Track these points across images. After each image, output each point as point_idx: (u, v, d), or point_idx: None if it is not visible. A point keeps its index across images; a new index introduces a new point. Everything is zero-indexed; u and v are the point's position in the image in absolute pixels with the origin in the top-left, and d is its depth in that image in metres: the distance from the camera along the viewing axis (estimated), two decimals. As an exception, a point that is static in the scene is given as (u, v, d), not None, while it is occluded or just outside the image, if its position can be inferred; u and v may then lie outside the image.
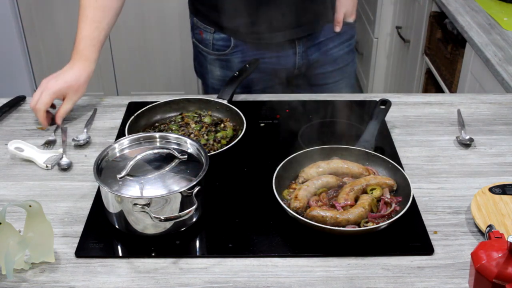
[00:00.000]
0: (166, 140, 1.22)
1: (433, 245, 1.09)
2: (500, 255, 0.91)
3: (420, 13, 2.82)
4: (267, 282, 1.02)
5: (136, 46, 3.45)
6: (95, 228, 1.14)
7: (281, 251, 1.08)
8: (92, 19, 1.50)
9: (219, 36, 1.67)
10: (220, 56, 1.70)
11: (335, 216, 1.10)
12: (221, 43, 1.68)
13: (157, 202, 1.05)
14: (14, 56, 3.41)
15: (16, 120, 1.52)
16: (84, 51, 1.50)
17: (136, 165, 1.11)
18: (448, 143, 1.41)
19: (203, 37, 1.70)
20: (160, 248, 1.09)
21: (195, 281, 1.02)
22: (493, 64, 1.89)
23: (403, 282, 1.02)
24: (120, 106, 1.57)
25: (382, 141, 1.38)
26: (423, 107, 1.57)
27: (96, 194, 1.22)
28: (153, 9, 3.32)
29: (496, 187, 1.21)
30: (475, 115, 1.53)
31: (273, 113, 1.52)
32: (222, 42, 1.67)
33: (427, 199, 1.22)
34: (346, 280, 1.03)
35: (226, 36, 1.66)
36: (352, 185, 1.19)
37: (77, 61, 1.50)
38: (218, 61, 1.71)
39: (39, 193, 1.24)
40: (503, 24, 2.18)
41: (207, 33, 1.68)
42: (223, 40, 1.67)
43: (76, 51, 1.51)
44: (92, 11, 1.50)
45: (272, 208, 1.17)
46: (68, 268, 1.05)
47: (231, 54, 1.69)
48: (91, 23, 1.50)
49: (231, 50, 1.68)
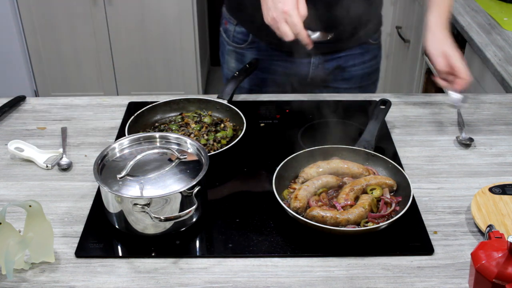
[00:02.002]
0: (166, 140, 1.22)
1: (433, 245, 1.09)
2: (500, 255, 0.91)
3: (420, 13, 2.81)
4: (267, 282, 1.02)
5: (136, 46, 3.45)
6: (95, 228, 1.14)
7: (281, 251, 1.08)
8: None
9: (240, 29, 1.69)
10: (237, 49, 1.72)
11: (335, 216, 1.10)
12: (240, 36, 1.70)
13: (157, 202, 1.05)
14: (14, 56, 3.41)
15: (16, 120, 1.52)
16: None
17: (136, 165, 1.11)
18: (448, 143, 1.41)
19: (227, 27, 1.72)
20: (160, 248, 1.09)
21: (195, 281, 1.02)
22: (493, 64, 1.89)
23: (403, 282, 1.02)
24: (120, 106, 1.57)
25: (382, 141, 1.38)
26: (423, 107, 1.57)
27: (96, 194, 1.22)
28: (153, 9, 3.33)
29: (496, 187, 1.21)
30: (475, 115, 1.53)
31: (273, 113, 1.52)
32: (241, 36, 1.69)
33: (427, 199, 1.22)
34: (346, 280, 1.02)
35: (245, 31, 1.68)
36: (352, 185, 1.19)
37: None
38: (235, 53, 1.73)
39: (39, 193, 1.24)
40: (503, 24, 2.18)
41: (230, 24, 1.71)
42: (242, 34, 1.69)
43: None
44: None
45: (272, 208, 1.17)
46: (68, 268, 1.05)
47: (246, 49, 1.70)
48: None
49: (247, 45, 1.69)
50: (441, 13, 1.54)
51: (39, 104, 1.58)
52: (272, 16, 1.31)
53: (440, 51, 1.48)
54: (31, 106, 1.58)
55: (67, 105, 1.58)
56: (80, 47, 3.45)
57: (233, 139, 1.36)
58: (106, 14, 3.33)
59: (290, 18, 1.30)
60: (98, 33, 3.40)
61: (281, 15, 1.30)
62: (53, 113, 1.54)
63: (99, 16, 3.34)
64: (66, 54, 3.48)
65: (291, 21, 1.30)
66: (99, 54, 3.48)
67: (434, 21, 1.52)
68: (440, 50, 1.49)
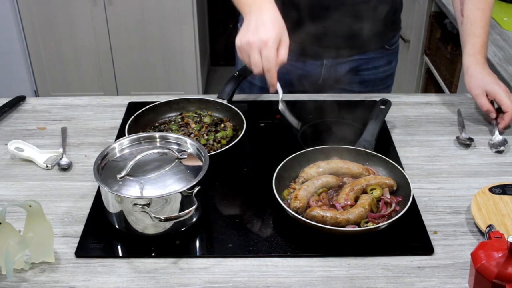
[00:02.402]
0: (166, 140, 1.22)
1: (433, 245, 1.09)
2: (500, 255, 0.91)
3: (420, 13, 2.82)
4: (267, 282, 1.02)
5: (136, 46, 3.45)
6: (95, 228, 1.14)
7: (281, 251, 1.08)
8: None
9: None
10: None
11: (335, 216, 1.10)
12: None
13: (157, 202, 1.05)
14: (14, 56, 3.41)
15: (16, 120, 1.52)
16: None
17: (136, 165, 1.11)
18: (448, 143, 1.41)
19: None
20: (160, 248, 1.09)
21: (195, 281, 1.02)
22: (493, 64, 1.89)
23: (403, 282, 1.02)
24: (120, 106, 1.57)
25: (382, 141, 1.38)
26: (423, 107, 1.57)
27: (96, 194, 1.22)
28: (153, 9, 3.33)
29: (496, 187, 1.21)
30: (475, 115, 1.53)
31: (273, 113, 1.52)
32: None
33: (427, 199, 1.22)
34: (346, 280, 1.02)
35: None
36: (352, 185, 1.19)
37: (262, 4, 1.28)
38: None
39: (39, 193, 1.24)
40: (503, 24, 2.18)
41: None
42: None
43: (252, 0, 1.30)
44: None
45: (272, 208, 1.17)
46: (68, 268, 1.05)
47: None
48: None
49: None
50: (476, 49, 1.48)
51: (39, 104, 1.58)
52: (248, 40, 1.23)
53: (480, 90, 1.45)
54: (31, 106, 1.58)
55: (67, 105, 1.58)
56: (80, 47, 3.45)
57: (233, 139, 1.36)
58: (106, 14, 3.33)
59: (267, 51, 1.22)
60: (98, 33, 3.40)
61: (259, 43, 1.22)
62: (53, 113, 1.54)
63: (99, 16, 3.34)
64: (66, 54, 3.48)
65: (266, 54, 1.22)
66: (99, 54, 3.48)
67: (470, 60, 1.47)
68: (480, 89, 1.45)
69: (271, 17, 1.26)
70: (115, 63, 3.52)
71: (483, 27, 1.48)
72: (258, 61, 1.23)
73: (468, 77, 1.47)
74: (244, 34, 1.25)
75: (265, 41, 1.22)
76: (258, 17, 1.26)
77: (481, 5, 1.49)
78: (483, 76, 1.45)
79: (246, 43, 1.24)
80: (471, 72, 1.47)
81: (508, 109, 1.42)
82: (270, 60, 1.23)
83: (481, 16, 1.48)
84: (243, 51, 1.26)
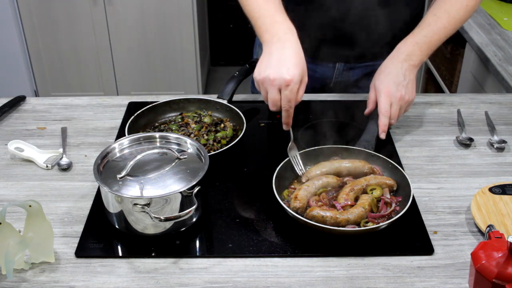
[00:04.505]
0: (166, 140, 1.22)
1: (433, 245, 1.09)
2: (500, 255, 0.91)
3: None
4: (267, 282, 1.02)
5: (136, 46, 3.45)
6: (95, 228, 1.14)
7: (281, 251, 1.08)
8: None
9: None
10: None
11: (335, 216, 1.10)
12: None
13: (157, 202, 1.05)
14: (14, 56, 3.41)
15: (16, 120, 1.52)
16: (285, 22, 1.25)
17: (136, 165, 1.11)
18: (448, 143, 1.41)
19: None
20: (160, 248, 1.09)
21: (195, 281, 1.02)
22: (493, 64, 1.89)
23: (403, 282, 1.02)
24: (120, 106, 1.57)
25: (382, 141, 1.38)
26: (423, 107, 1.57)
27: (96, 194, 1.22)
28: (153, 9, 3.33)
29: (496, 187, 1.21)
30: (475, 115, 1.53)
31: (273, 113, 1.52)
32: None
33: (427, 199, 1.22)
34: (346, 280, 1.03)
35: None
36: (352, 185, 1.19)
37: (285, 35, 1.24)
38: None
39: (39, 193, 1.24)
40: (503, 24, 2.18)
41: None
42: None
43: (274, 27, 1.25)
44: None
45: (272, 208, 1.17)
46: (68, 268, 1.05)
47: None
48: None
49: None
50: (412, 46, 1.36)
51: (39, 104, 1.58)
52: (269, 77, 1.19)
53: (373, 84, 1.37)
54: (31, 106, 1.58)
55: (67, 105, 1.58)
56: (80, 47, 3.45)
57: (233, 139, 1.36)
58: (106, 13, 3.33)
59: (288, 92, 1.19)
60: (98, 33, 3.40)
61: (280, 82, 1.18)
62: (53, 113, 1.54)
63: (99, 15, 3.34)
64: (66, 54, 3.48)
65: (287, 95, 1.19)
66: (99, 54, 3.48)
67: (396, 52, 1.37)
68: (373, 83, 1.37)
69: (294, 53, 1.22)
70: (115, 63, 3.52)
71: (442, 29, 1.39)
72: (277, 99, 1.21)
73: (380, 67, 1.39)
74: (264, 68, 1.22)
75: (287, 82, 1.19)
76: (281, 51, 1.22)
77: (452, 11, 1.39)
78: (387, 72, 1.36)
79: (267, 79, 1.20)
80: (385, 63, 1.38)
81: (380, 111, 1.34)
82: (290, 100, 1.20)
83: (448, 20, 1.40)
84: (261, 85, 1.23)
